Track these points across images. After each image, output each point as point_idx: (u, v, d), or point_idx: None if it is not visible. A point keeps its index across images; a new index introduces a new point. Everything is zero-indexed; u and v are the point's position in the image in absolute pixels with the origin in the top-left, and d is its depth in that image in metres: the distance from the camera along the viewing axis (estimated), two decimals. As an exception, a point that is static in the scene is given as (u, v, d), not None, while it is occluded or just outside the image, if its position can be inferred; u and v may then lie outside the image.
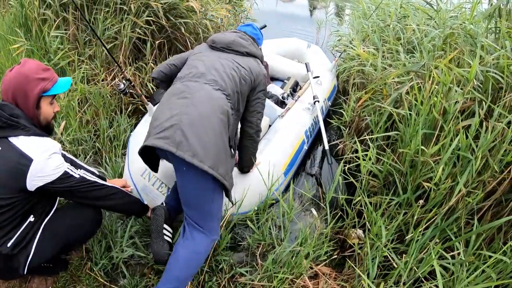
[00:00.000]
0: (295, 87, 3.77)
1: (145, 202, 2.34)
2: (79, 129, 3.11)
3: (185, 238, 1.91)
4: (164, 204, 2.14)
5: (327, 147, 3.01)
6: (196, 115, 1.84)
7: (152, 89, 3.93)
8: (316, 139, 3.56)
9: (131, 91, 2.66)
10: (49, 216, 1.80)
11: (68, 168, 1.69)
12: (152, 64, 3.97)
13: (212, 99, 1.93)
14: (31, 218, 1.72)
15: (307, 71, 3.61)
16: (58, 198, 1.89)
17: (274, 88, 3.56)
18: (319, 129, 3.19)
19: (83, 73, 3.58)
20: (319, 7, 8.69)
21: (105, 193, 1.84)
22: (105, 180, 2.23)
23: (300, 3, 9.19)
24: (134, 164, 2.48)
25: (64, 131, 3.06)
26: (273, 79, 4.18)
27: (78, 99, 3.34)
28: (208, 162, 1.77)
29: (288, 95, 3.51)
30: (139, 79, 3.92)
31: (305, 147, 3.11)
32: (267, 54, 3.84)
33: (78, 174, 1.72)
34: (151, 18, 3.82)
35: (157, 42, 4.03)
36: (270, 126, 3.17)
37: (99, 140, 3.13)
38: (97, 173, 2.24)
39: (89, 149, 3.03)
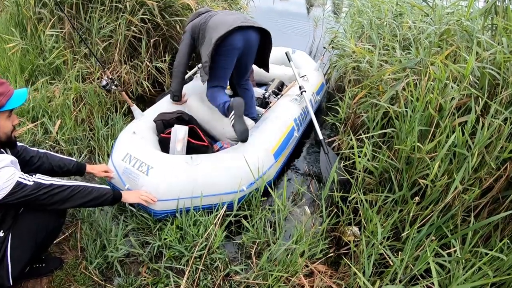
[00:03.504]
0: (280, 87, 3.81)
1: (126, 185, 2.36)
2: (74, 128, 3.10)
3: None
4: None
5: (321, 137, 3.02)
6: None
7: (148, 87, 3.91)
8: (310, 131, 3.67)
9: (113, 87, 2.67)
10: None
11: (21, 178, 1.62)
12: (147, 63, 3.96)
13: None
14: (1, 234, 1.70)
15: (289, 60, 3.65)
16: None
17: (255, 91, 3.60)
18: (312, 121, 3.21)
19: (78, 71, 3.57)
20: (316, 4, 8.69)
21: (68, 195, 1.76)
22: (85, 168, 2.23)
23: (297, 1, 9.19)
24: (117, 151, 2.53)
25: (59, 130, 3.05)
26: (261, 84, 4.28)
27: (73, 98, 3.33)
28: None
29: (270, 94, 3.53)
30: (134, 78, 3.90)
31: (296, 134, 3.13)
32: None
33: (32, 181, 1.65)
34: (146, 16, 3.81)
35: (152, 40, 4.02)
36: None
37: (94, 139, 3.11)
38: (74, 160, 2.20)
39: (83, 148, 3.01)
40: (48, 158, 2.05)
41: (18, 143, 1.91)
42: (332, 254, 2.31)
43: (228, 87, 3.53)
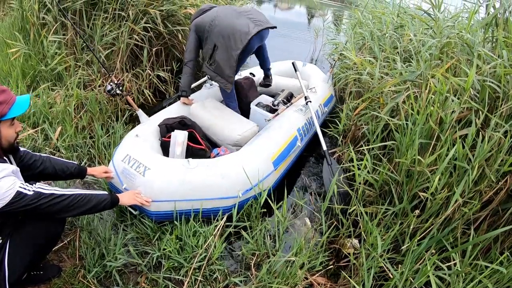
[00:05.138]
0: (289, 98, 3.82)
1: (124, 185, 2.37)
2: (74, 135, 3.10)
3: None
4: None
5: (325, 148, 3.01)
6: None
7: (149, 95, 3.92)
8: (316, 144, 3.57)
9: (118, 92, 2.69)
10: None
11: (21, 187, 1.61)
12: (149, 71, 3.97)
13: None
14: None
15: (295, 70, 3.68)
16: None
17: (264, 98, 3.68)
18: (316, 133, 3.21)
19: (80, 78, 3.58)
20: (316, 15, 8.74)
21: (68, 204, 1.75)
22: (85, 170, 2.22)
23: (298, 11, 9.24)
24: (119, 153, 2.56)
25: (59, 136, 3.05)
26: (271, 96, 4.24)
27: (74, 105, 3.33)
28: None
29: (279, 103, 3.55)
30: (136, 86, 3.91)
31: (298, 143, 3.11)
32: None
33: (33, 191, 1.64)
34: (149, 25, 3.83)
35: (154, 49, 4.03)
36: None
37: (94, 146, 3.11)
38: (76, 164, 2.19)
39: (83, 156, 3.01)
40: (51, 161, 2.05)
41: (21, 148, 1.92)
42: (331, 266, 2.30)
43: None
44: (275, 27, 3.03)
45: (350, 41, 4.74)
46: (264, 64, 3.68)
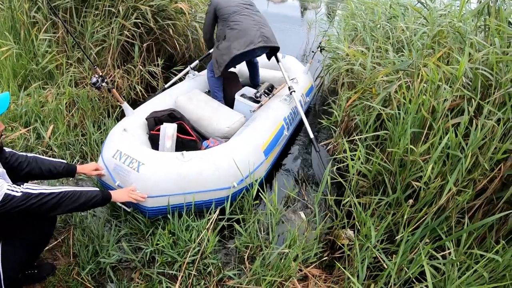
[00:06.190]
0: (270, 89, 3.91)
1: (117, 182, 2.34)
2: (66, 133, 3.08)
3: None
4: None
5: (311, 136, 3.11)
6: None
7: (141, 91, 3.90)
8: (301, 132, 3.78)
9: (103, 85, 2.67)
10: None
11: (9, 189, 1.59)
12: (140, 67, 3.94)
13: None
14: None
15: (277, 61, 3.72)
16: None
17: (248, 90, 3.79)
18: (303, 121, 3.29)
19: (71, 76, 3.55)
20: (309, 8, 8.71)
21: (57, 202, 1.73)
22: (75, 169, 2.20)
23: (292, 4, 9.21)
24: (107, 149, 2.53)
25: (51, 135, 3.03)
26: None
27: (66, 103, 3.31)
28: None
29: (261, 94, 3.63)
30: (127, 82, 3.89)
31: (285, 132, 3.21)
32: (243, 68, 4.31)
33: (21, 192, 1.61)
34: (139, 21, 3.80)
35: (145, 44, 4.01)
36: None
37: (86, 144, 3.10)
38: (64, 162, 2.17)
39: (76, 153, 2.99)
40: (37, 162, 2.02)
41: (6, 149, 1.89)
42: (326, 257, 2.29)
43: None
44: (278, 47, 3.46)
45: (341, 32, 4.73)
46: (254, 79, 4.15)
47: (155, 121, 2.88)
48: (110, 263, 2.16)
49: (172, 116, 2.96)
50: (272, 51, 3.60)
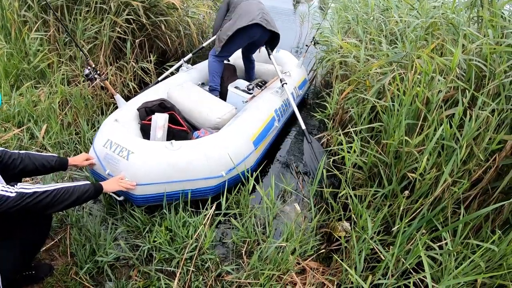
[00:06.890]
0: (262, 83, 4.01)
1: (107, 170, 2.37)
2: (60, 132, 3.05)
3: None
4: None
5: (303, 127, 3.14)
6: None
7: (134, 88, 3.87)
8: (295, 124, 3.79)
9: (96, 76, 2.66)
10: None
11: (2, 190, 1.57)
12: (133, 63, 3.92)
13: None
14: None
15: (269, 54, 3.78)
16: None
17: (241, 82, 3.87)
18: (294, 113, 3.32)
19: (63, 74, 3.52)
20: (302, 1, 8.69)
21: (52, 199, 1.72)
22: (67, 162, 2.20)
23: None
24: (99, 139, 2.55)
25: (45, 134, 3.00)
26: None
27: (59, 102, 3.28)
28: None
29: (253, 87, 3.70)
30: (120, 79, 3.86)
31: (276, 124, 3.24)
32: (240, 63, 4.35)
33: (15, 192, 1.60)
34: (131, 17, 3.77)
35: (137, 41, 3.98)
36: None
37: (80, 142, 3.08)
38: (56, 156, 2.15)
39: (70, 152, 2.97)
40: (30, 158, 2.01)
41: None
42: (323, 250, 2.30)
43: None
44: (278, 34, 3.65)
45: (334, 25, 4.73)
46: (248, 75, 4.28)
47: (146, 111, 2.89)
48: (108, 261, 2.15)
49: (162, 106, 2.98)
50: (272, 41, 3.74)
